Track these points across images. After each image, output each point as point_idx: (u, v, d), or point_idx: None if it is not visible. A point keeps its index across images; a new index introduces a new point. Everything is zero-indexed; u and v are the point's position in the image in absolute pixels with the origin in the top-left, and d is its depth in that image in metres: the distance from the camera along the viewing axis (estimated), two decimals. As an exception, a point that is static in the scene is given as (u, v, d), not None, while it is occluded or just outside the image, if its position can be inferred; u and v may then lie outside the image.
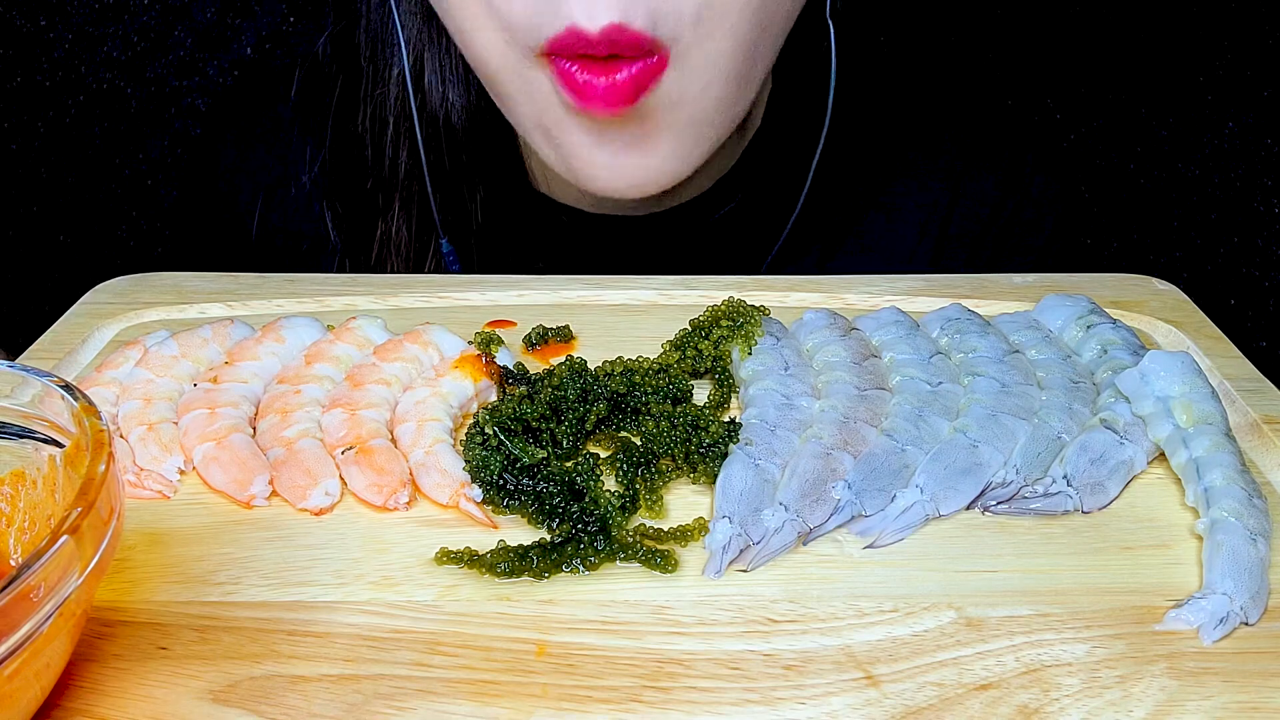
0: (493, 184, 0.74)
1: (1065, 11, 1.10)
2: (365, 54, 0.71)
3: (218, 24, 1.10)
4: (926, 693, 0.36)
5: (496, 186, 0.74)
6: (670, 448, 0.47)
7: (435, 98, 0.70)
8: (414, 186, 0.73)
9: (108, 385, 0.51)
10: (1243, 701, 0.36)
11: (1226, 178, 1.13)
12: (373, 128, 0.72)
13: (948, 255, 0.79)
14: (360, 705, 0.35)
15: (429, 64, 0.70)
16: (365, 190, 0.73)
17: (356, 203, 0.74)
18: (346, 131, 0.73)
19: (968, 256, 0.79)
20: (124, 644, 0.38)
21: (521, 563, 0.41)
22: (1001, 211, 0.79)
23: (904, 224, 0.78)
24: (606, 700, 0.36)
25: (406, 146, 0.72)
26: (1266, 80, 1.09)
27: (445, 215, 0.72)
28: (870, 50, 0.85)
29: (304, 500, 0.45)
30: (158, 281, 0.63)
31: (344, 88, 0.73)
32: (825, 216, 0.76)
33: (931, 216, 0.78)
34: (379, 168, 0.73)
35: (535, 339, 0.57)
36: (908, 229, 0.78)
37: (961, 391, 0.50)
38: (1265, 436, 0.49)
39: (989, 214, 0.79)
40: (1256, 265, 1.15)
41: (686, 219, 0.76)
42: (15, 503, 0.38)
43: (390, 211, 0.73)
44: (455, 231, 0.73)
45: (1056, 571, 0.41)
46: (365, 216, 0.74)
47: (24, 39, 1.09)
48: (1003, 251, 0.79)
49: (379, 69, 0.71)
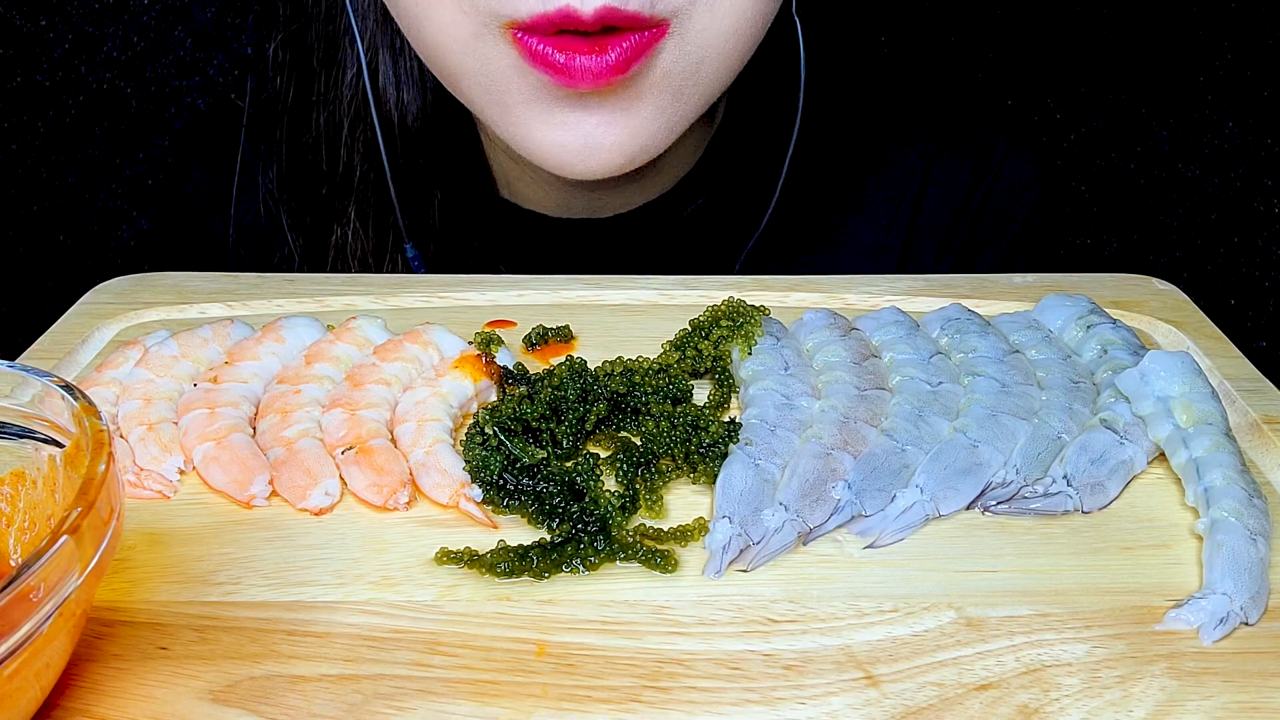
0: (452, 188, 0.73)
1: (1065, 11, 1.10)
2: (318, 56, 0.70)
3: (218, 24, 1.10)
4: (926, 693, 0.36)
5: (457, 191, 0.73)
6: (670, 448, 0.47)
7: (390, 99, 0.69)
8: (369, 191, 0.72)
9: (108, 385, 0.51)
10: (1243, 701, 0.36)
11: (1226, 178, 1.13)
12: (327, 131, 0.71)
13: (918, 245, 0.78)
14: (360, 705, 0.35)
15: (383, 65, 0.69)
16: (320, 195, 0.72)
17: (312, 207, 0.73)
18: (300, 135, 0.72)
19: (940, 245, 0.78)
20: (124, 644, 0.38)
21: (521, 563, 0.41)
22: (972, 199, 0.78)
23: (874, 215, 0.78)
24: (606, 700, 0.36)
25: (361, 150, 0.71)
26: (1266, 80, 1.09)
27: (407, 220, 0.72)
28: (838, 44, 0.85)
29: (304, 500, 0.45)
30: (158, 281, 0.63)
31: (297, 91, 0.72)
32: (796, 210, 0.75)
33: (901, 207, 0.78)
34: (333, 172, 0.72)
35: (535, 339, 0.57)
36: (878, 220, 0.78)
37: (961, 391, 0.50)
38: (1265, 436, 0.49)
39: (960, 202, 0.78)
40: (1256, 265, 1.15)
41: (654, 218, 0.75)
42: (15, 503, 0.38)
43: (345, 216, 0.72)
44: (415, 236, 0.72)
45: (1056, 571, 0.41)
46: (320, 221, 0.73)
47: (24, 39, 1.09)
48: (975, 240, 0.79)
49: (332, 72, 0.70)
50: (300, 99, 0.72)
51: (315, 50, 0.71)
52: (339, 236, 0.72)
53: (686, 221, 0.75)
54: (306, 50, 0.71)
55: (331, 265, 0.73)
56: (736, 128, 0.75)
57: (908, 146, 0.78)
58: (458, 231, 0.73)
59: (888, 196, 0.78)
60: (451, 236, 0.73)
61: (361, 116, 0.70)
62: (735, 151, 0.75)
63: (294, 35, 0.71)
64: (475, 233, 0.74)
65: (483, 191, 0.75)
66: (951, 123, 0.80)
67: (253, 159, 0.76)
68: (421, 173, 0.71)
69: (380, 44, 0.69)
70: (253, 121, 0.76)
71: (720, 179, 0.75)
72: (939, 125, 0.80)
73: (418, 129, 0.70)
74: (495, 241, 0.75)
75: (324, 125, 0.71)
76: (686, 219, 0.75)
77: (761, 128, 0.74)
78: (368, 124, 0.70)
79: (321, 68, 0.71)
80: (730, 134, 0.75)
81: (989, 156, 0.78)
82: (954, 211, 0.78)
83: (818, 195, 0.77)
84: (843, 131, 0.78)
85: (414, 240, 0.72)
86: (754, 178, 0.74)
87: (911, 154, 0.78)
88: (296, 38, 0.71)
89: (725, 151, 0.75)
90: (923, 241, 0.78)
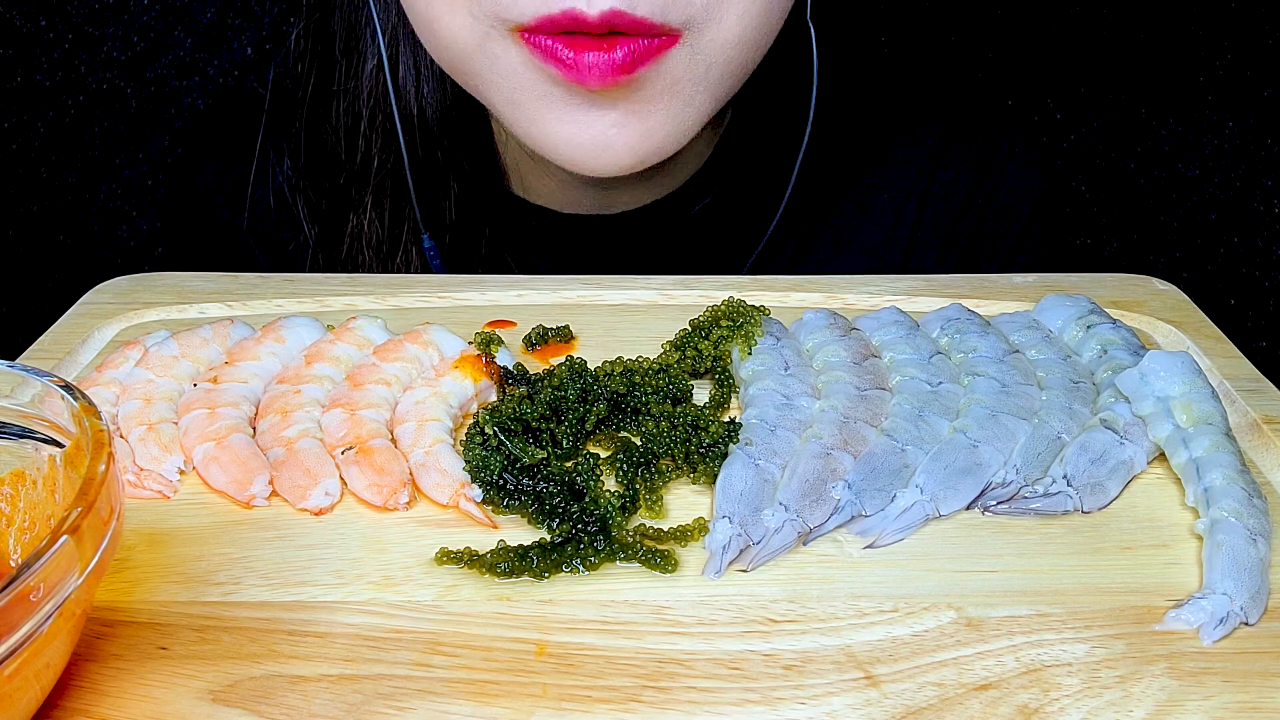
0: (465, 182, 0.73)
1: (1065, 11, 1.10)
2: (340, 45, 0.71)
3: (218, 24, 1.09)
4: (926, 693, 0.36)
5: (469, 185, 0.73)
6: (670, 448, 0.47)
7: (409, 92, 0.70)
8: (386, 181, 0.72)
9: (108, 385, 0.51)
10: (1243, 701, 0.36)
11: (1226, 178, 1.13)
12: (346, 120, 0.72)
13: (922, 243, 0.78)
14: (360, 705, 0.35)
15: (403, 57, 0.70)
16: (338, 184, 0.73)
17: (329, 196, 0.74)
18: (320, 124, 0.73)
19: (942, 243, 0.78)
20: (124, 644, 0.38)
21: (521, 563, 0.41)
22: (975, 198, 0.79)
23: (878, 214, 0.78)
24: (606, 700, 0.36)
25: (379, 141, 0.72)
26: (1266, 80, 1.09)
27: (424, 210, 0.72)
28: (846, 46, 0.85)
29: (304, 500, 0.45)
30: (158, 281, 0.63)
31: (318, 80, 0.72)
32: (802, 210, 0.76)
33: (906, 205, 0.78)
34: (351, 161, 0.72)
35: (535, 339, 0.57)
36: (882, 218, 0.78)
37: (961, 391, 0.50)
38: (1265, 436, 0.49)
39: (963, 201, 0.79)
40: (1256, 265, 1.15)
41: (662, 216, 0.75)
42: (15, 503, 0.38)
43: (362, 206, 0.73)
44: (429, 228, 0.73)
45: (1056, 571, 0.41)
46: (337, 210, 0.74)
47: (24, 39, 1.09)
48: (978, 238, 0.79)
49: (353, 61, 0.71)
50: (321, 88, 0.72)
51: (337, 39, 0.71)
52: (354, 225, 0.73)
53: (694, 220, 0.76)
54: (329, 38, 0.71)
55: (346, 254, 0.73)
56: (745, 129, 0.76)
57: (911, 146, 0.79)
58: (469, 225, 0.74)
59: (892, 196, 0.78)
60: (463, 230, 0.74)
61: (381, 107, 0.71)
62: (743, 152, 0.76)
63: (317, 24, 0.72)
64: (486, 226, 0.75)
65: (494, 186, 0.75)
66: (955, 122, 0.80)
67: (269, 148, 0.76)
68: (437, 165, 0.72)
69: (400, 36, 0.69)
70: (272, 110, 0.76)
71: (728, 179, 0.76)
72: (943, 125, 0.80)
73: (435, 122, 0.71)
74: (505, 236, 0.76)
75: (343, 115, 0.72)
76: (694, 217, 0.76)
77: (769, 129, 0.75)
78: (386, 115, 0.71)
79: (343, 57, 0.71)
80: (738, 135, 0.76)
81: (992, 156, 0.79)
82: (957, 210, 0.78)
83: (823, 195, 0.77)
84: (848, 132, 0.78)
85: (428, 232, 0.72)
86: (761, 178, 0.75)
87: (915, 153, 0.79)
88: (319, 26, 0.72)
89: (733, 152, 0.76)
90: (926, 240, 0.78)
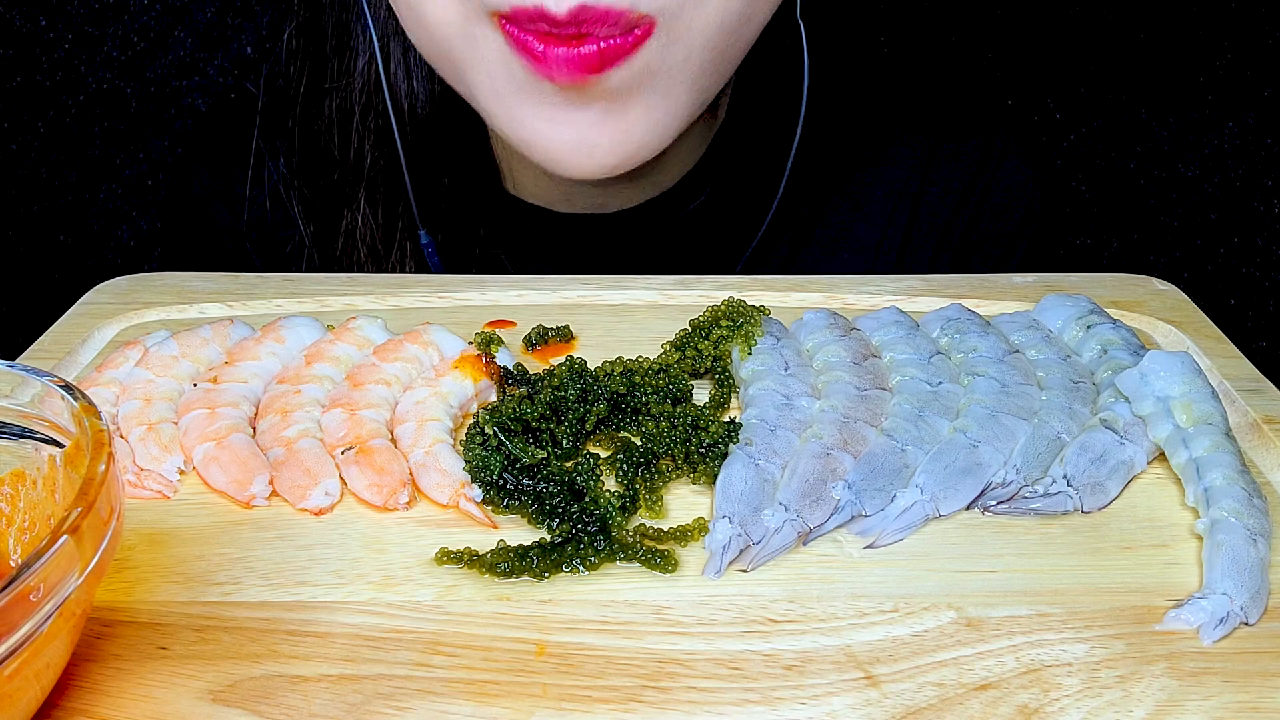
0: (458, 180, 0.73)
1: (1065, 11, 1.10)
2: (331, 43, 0.71)
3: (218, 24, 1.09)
4: (926, 693, 0.36)
5: (462, 183, 0.73)
6: (670, 448, 0.47)
7: (401, 87, 0.70)
8: (379, 178, 0.72)
9: (108, 385, 0.51)
10: (1243, 701, 0.36)
11: (1226, 178, 1.13)
12: (339, 117, 0.72)
13: (916, 242, 0.78)
14: (360, 705, 0.35)
15: (394, 53, 0.70)
16: (332, 181, 0.73)
17: (323, 193, 0.74)
18: (313, 122, 0.73)
19: (937, 242, 0.78)
20: (124, 644, 0.38)
21: (521, 563, 0.41)
22: (970, 197, 0.79)
23: (873, 212, 0.78)
24: (606, 700, 0.36)
25: (371, 137, 0.72)
26: (1266, 80, 1.09)
27: (419, 207, 0.72)
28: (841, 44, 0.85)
29: (304, 500, 0.45)
30: (158, 281, 0.63)
31: (310, 78, 0.72)
32: (797, 208, 0.76)
33: (900, 204, 0.78)
34: (344, 158, 0.72)
35: (535, 339, 0.57)
36: (876, 217, 0.78)
37: (961, 391, 0.50)
38: (1265, 436, 0.49)
39: (957, 200, 0.79)
40: (1256, 265, 1.15)
41: (656, 215, 0.75)
42: (15, 503, 0.38)
43: (356, 202, 0.73)
44: (424, 225, 0.73)
45: (1056, 571, 0.41)
46: (331, 208, 0.74)
47: (24, 39, 1.09)
48: (973, 237, 0.79)
49: (344, 58, 0.71)
50: (313, 86, 0.73)
51: (328, 37, 0.71)
52: (349, 222, 0.73)
53: (689, 218, 0.76)
54: (320, 37, 0.71)
55: (341, 251, 0.74)
56: (739, 126, 0.76)
57: (906, 145, 0.79)
58: (463, 223, 0.74)
59: (886, 195, 0.78)
60: (456, 228, 0.74)
61: (373, 103, 0.71)
62: (738, 149, 0.76)
63: (307, 23, 0.72)
64: (480, 225, 0.75)
65: (488, 185, 0.75)
66: (950, 122, 0.80)
67: (264, 149, 0.76)
68: (429, 161, 0.72)
69: (391, 31, 0.69)
70: (266, 109, 0.77)
71: (723, 176, 0.75)
72: (938, 124, 0.80)
73: (426, 117, 0.71)
74: (499, 235, 0.76)
75: (336, 112, 0.72)
76: (689, 215, 0.75)
77: (763, 126, 0.75)
78: (379, 111, 0.71)
79: (334, 55, 0.71)
80: (733, 132, 0.76)
81: (987, 155, 0.79)
82: (952, 210, 0.79)
83: (818, 194, 0.77)
84: (843, 130, 0.78)
85: (425, 228, 0.73)
86: (756, 176, 0.75)
87: (910, 152, 0.79)
88: (310, 25, 0.72)
89: (728, 149, 0.76)
90: (920, 239, 0.78)
